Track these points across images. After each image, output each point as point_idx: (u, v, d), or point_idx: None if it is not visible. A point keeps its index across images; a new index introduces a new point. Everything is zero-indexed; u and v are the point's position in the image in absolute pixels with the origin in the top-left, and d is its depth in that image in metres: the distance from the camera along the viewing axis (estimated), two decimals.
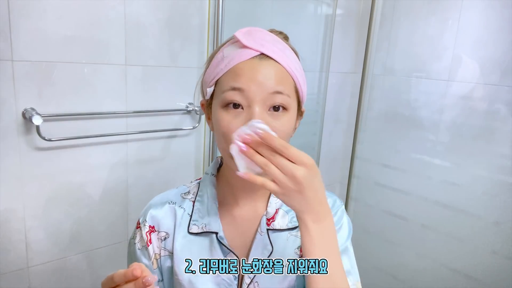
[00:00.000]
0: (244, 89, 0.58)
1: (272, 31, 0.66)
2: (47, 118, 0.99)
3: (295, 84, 0.63)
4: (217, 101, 0.62)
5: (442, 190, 1.55)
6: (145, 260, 0.70)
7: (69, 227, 1.11)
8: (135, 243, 0.71)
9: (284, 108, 0.61)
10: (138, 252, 0.70)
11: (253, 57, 0.60)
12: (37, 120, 0.93)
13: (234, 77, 0.59)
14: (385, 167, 1.76)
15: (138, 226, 0.72)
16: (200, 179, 0.77)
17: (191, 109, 1.26)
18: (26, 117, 0.95)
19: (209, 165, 1.37)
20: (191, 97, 1.27)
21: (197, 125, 1.29)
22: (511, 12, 1.31)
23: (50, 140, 1.00)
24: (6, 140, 0.96)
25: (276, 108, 0.60)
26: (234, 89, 0.59)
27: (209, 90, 0.64)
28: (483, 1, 1.40)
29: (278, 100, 0.59)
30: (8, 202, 0.99)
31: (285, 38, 0.68)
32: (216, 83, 0.63)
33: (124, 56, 1.10)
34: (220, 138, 0.62)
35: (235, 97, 0.59)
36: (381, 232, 1.77)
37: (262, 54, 0.60)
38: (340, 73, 1.77)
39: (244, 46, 0.60)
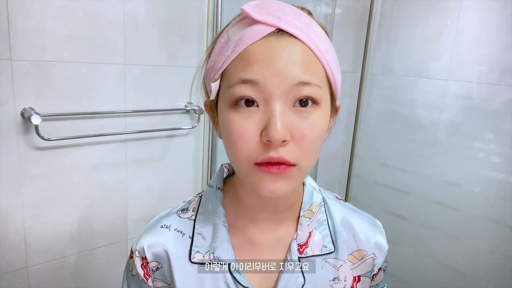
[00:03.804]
0: (259, 82, 0.43)
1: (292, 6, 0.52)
2: (46, 117, 0.99)
3: (325, 71, 0.47)
4: (224, 99, 0.47)
5: (441, 189, 1.55)
6: None
7: (68, 227, 1.11)
8: (133, 275, 0.58)
9: (314, 102, 0.45)
10: (141, 282, 0.58)
11: (268, 35, 0.44)
12: (36, 120, 0.93)
13: (244, 66, 0.44)
14: (384, 167, 1.76)
15: (132, 256, 0.58)
16: (201, 193, 0.61)
17: (190, 108, 1.26)
18: (25, 117, 0.95)
19: (209, 164, 1.38)
20: (190, 96, 1.27)
21: (196, 124, 1.29)
22: (510, 12, 1.31)
23: (49, 139, 1.00)
24: (5, 139, 0.95)
25: (303, 103, 0.44)
26: (244, 81, 0.43)
27: (214, 86, 0.48)
28: (482, 1, 1.40)
29: (306, 92, 0.44)
30: (7, 202, 0.99)
31: (309, 13, 0.52)
32: (222, 75, 0.47)
33: (123, 55, 1.10)
34: (232, 147, 0.46)
35: (246, 91, 0.43)
36: None
37: (280, 30, 0.44)
38: None
39: (256, 22, 0.44)
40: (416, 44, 1.59)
